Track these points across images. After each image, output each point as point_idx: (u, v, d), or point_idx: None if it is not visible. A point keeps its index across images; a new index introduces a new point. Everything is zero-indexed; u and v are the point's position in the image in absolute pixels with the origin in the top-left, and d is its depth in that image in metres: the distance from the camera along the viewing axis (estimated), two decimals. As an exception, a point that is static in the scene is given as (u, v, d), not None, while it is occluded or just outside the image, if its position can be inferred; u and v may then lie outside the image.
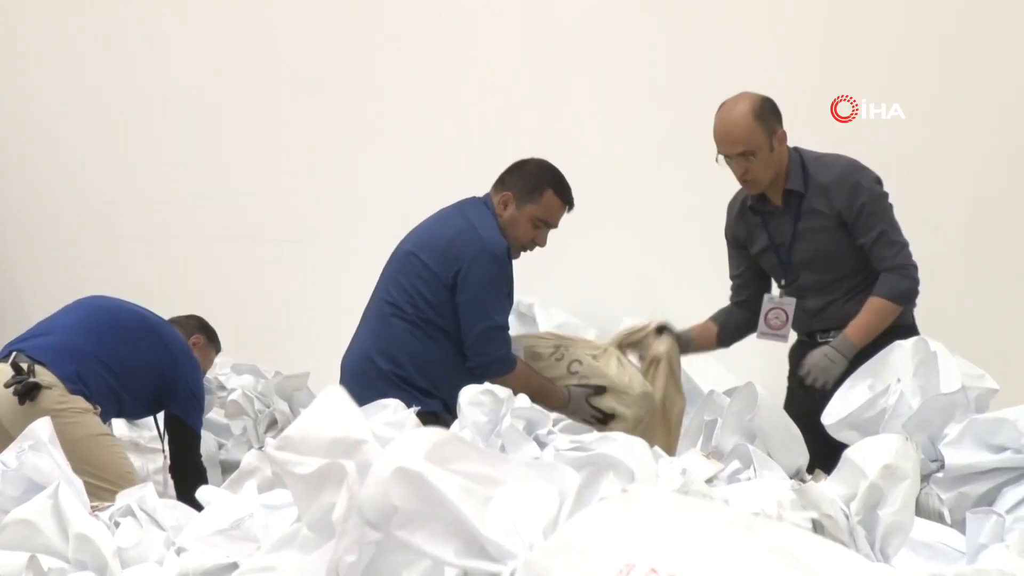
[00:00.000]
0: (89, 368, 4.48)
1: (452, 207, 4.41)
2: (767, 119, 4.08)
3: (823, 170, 4.14)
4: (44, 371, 4.40)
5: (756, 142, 4.07)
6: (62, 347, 4.50)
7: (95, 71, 7.59)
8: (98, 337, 4.56)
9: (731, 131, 4.10)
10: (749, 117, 4.06)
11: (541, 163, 4.38)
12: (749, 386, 3.47)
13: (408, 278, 4.32)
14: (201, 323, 5.13)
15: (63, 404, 4.36)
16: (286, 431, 2.03)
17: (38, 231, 7.75)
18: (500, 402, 3.51)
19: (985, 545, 2.66)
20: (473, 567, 1.80)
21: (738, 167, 4.12)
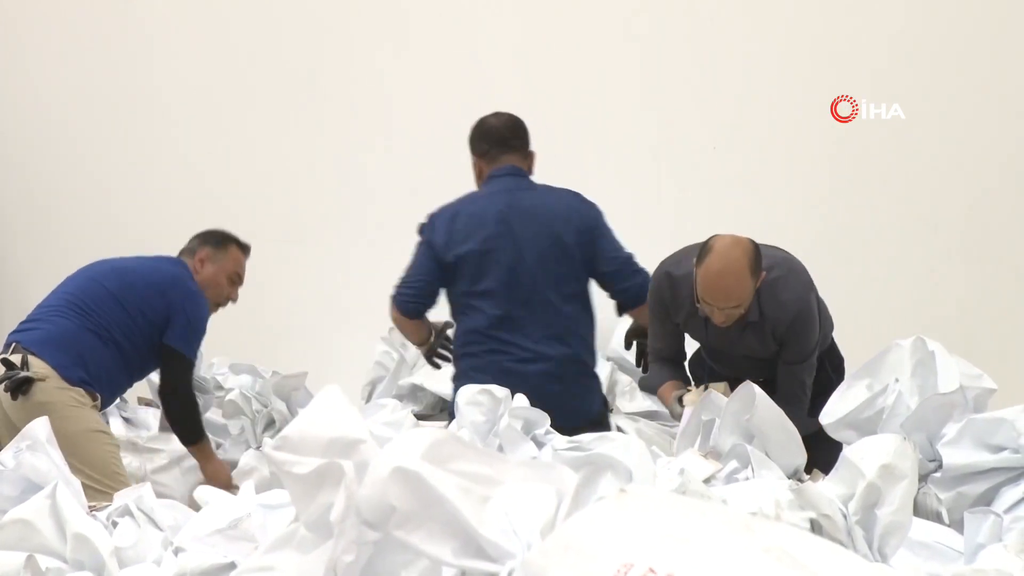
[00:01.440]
0: (83, 347, 4.47)
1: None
2: (757, 272, 3.88)
3: (777, 306, 3.99)
4: (38, 362, 4.40)
5: (748, 296, 3.89)
6: (53, 334, 4.49)
7: (95, 70, 7.59)
8: (86, 311, 4.55)
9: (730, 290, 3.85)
10: (747, 275, 3.84)
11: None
12: (747, 386, 3.47)
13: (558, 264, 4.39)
14: (203, 237, 4.95)
15: (56, 398, 4.36)
16: (284, 431, 2.03)
17: (38, 231, 7.75)
18: (498, 402, 3.51)
19: (983, 545, 2.66)
20: (471, 567, 1.80)
21: (721, 315, 3.90)
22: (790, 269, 4.04)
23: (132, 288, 4.61)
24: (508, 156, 4.50)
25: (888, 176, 6.03)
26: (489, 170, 4.51)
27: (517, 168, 4.53)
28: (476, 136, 4.56)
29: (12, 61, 7.84)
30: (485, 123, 4.58)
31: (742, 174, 6.21)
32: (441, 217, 4.48)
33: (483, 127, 4.57)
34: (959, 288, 5.88)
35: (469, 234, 4.39)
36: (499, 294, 4.36)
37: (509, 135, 4.52)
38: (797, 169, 6.16)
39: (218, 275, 4.83)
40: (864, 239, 6.02)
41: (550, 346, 4.34)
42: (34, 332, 4.54)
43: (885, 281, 5.95)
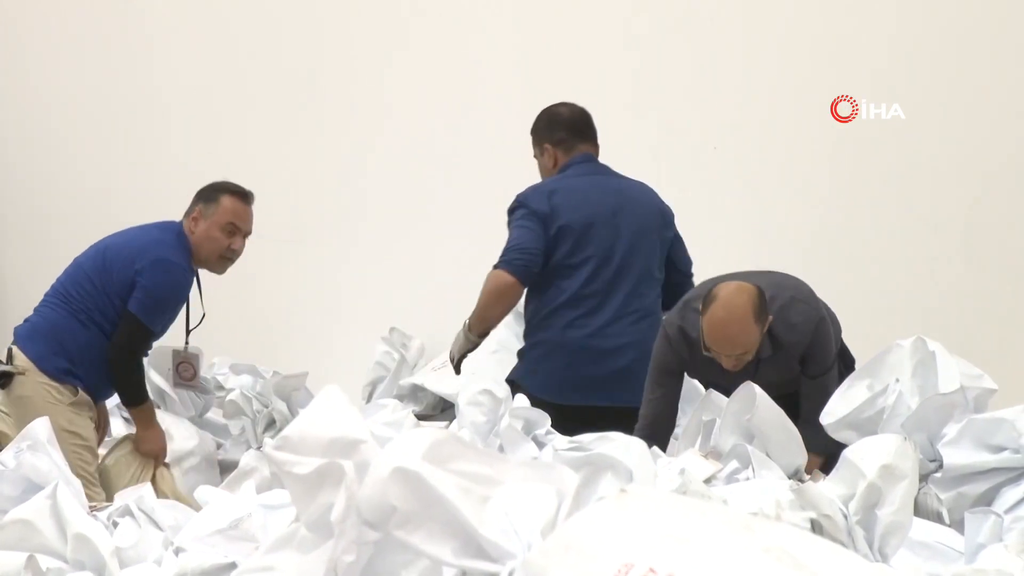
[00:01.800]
0: (65, 335, 4.49)
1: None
2: (763, 318, 3.86)
3: (791, 332, 3.98)
4: (21, 355, 4.47)
5: (755, 343, 3.86)
6: (39, 325, 4.54)
7: (95, 71, 7.59)
8: (67, 296, 4.55)
9: (735, 339, 3.82)
10: (751, 322, 3.81)
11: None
12: (748, 386, 3.47)
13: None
14: (198, 192, 4.85)
15: (33, 392, 4.42)
16: (284, 431, 2.03)
17: (37, 230, 7.75)
18: (499, 402, 3.51)
19: (983, 545, 2.66)
20: (471, 567, 1.80)
21: (730, 361, 3.87)
22: (793, 294, 4.02)
23: (108, 267, 4.57)
24: (584, 145, 4.50)
25: (888, 176, 6.03)
26: (565, 159, 4.48)
27: (595, 156, 4.53)
28: (549, 125, 4.51)
29: (12, 61, 7.84)
30: (558, 112, 4.55)
31: (742, 174, 6.21)
32: (536, 194, 4.41)
33: (557, 116, 4.53)
34: (959, 288, 5.88)
35: (573, 207, 4.37)
36: (590, 270, 4.36)
37: (583, 125, 4.52)
38: (797, 169, 6.16)
39: (211, 229, 4.71)
40: (864, 239, 6.01)
41: (626, 327, 4.36)
42: (25, 325, 4.60)
43: (885, 281, 5.95)
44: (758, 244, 6.06)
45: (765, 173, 6.20)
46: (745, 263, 4.38)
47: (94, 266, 4.58)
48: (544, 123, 4.53)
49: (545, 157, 4.48)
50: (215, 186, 4.84)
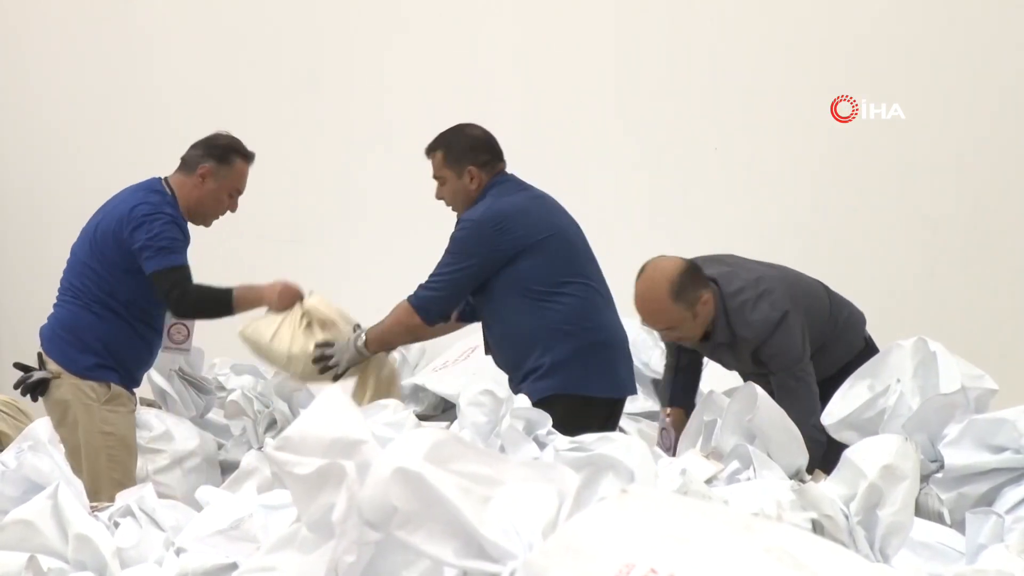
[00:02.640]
0: (83, 330, 4.38)
1: None
2: (686, 295, 3.93)
3: (746, 327, 4.00)
4: (49, 361, 4.38)
5: (677, 319, 3.96)
6: (55, 326, 4.45)
7: (94, 70, 7.58)
8: (75, 290, 4.46)
9: (650, 314, 4.02)
10: (667, 302, 3.93)
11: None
12: (749, 386, 3.47)
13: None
14: (207, 146, 4.71)
15: (70, 395, 4.33)
16: (285, 432, 2.03)
17: (37, 231, 7.74)
18: (500, 403, 3.51)
19: (985, 545, 2.66)
20: (472, 567, 1.80)
21: (666, 336, 4.08)
22: (764, 291, 4.02)
23: (101, 248, 4.46)
24: (501, 163, 4.48)
25: (888, 176, 6.03)
26: (489, 178, 4.44)
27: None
28: (473, 147, 4.47)
29: (10, 60, 7.84)
30: (475, 134, 4.51)
31: (743, 174, 6.21)
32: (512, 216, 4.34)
33: (477, 138, 4.50)
34: (959, 288, 5.88)
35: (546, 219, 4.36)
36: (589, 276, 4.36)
37: (496, 144, 4.51)
38: (797, 169, 6.16)
39: (220, 192, 4.61)
40: (864, 239, 6.01)
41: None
42: (45, 327, 4.49)
43: (885, 281, 5.95)
44: (758, 244, 6.04)
45: (765, 173, 6.20)
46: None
47: (89, 251, 4.49)
48: (466, 144, 4.47)
49: (465, 179, 4.42)
50: (225, 145, 4.72)
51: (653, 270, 3.97)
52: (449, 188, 4.45)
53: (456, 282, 4.40)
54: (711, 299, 3.96)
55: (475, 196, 4.41)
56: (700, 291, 3.94)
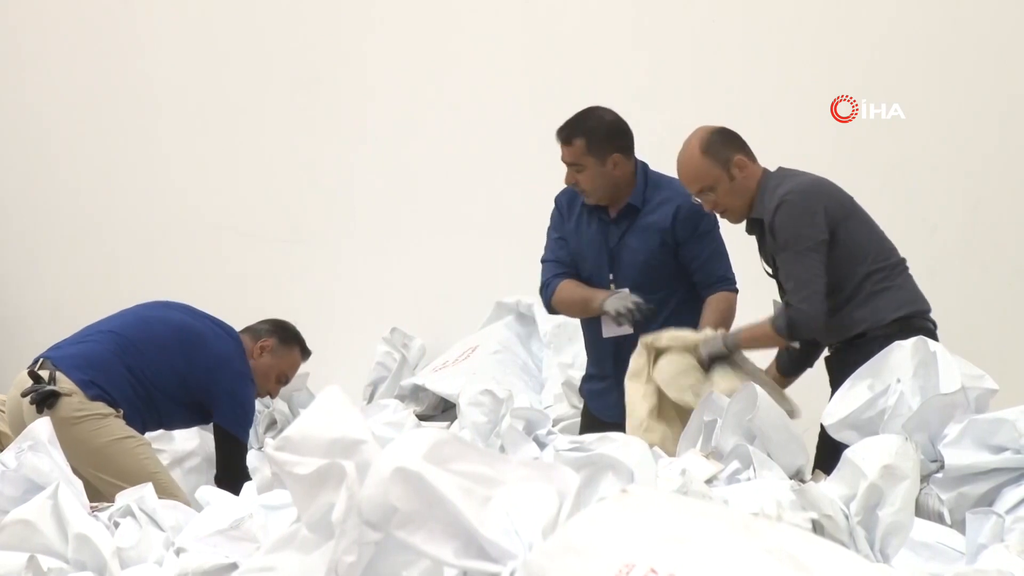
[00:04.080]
0: (111, 374, 4.40)
1: None
2: (717, 151, 3.99)
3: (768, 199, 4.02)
4: (63, 378, 4.33)
5: (710, 177, 3.99)
6: (84, 354, 4.43)
7: (86, 70, 7.57)
8: (125, 344, 4.47)
9: (682, 171, 4.06)
10: (697, 154, 4.01)
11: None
12: (749, 386, 3.47)
13: None
14: (276, 326, 4.92)
15: (81, 411, 4.30)
16: (285, 431, 2.03)
17: (35, 231, 7.74)
18: (500, 403, 3.52)
19: (985, 545, 2.66)
20: (472, 567, 1.80)
21: (706, 203, 4.06)
22: (794, 177, 4.09)
23: (184, 348, 4.52)
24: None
25: (888, 176, 6.03)
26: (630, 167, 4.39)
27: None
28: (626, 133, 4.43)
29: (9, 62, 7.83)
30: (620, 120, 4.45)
31: (743, 174, 6.21)
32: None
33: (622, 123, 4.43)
34: (959, 288, 5.88)
35: None
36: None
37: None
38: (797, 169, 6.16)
39: (271, 370, 4.77)
40: (864, 239, 6.01)
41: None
42: (72, 352, 4.47)
43: (886, 281, 5.95)
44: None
45: (765, 173, 6.20)
46: (745, 262, 4.37)
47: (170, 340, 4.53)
48: (610, 130, 4.38)
49: (609, 166, 4.31)
50: (293, 333, 4.94)
51: (691, 134, 4.08)
52: (589, 175, 4.34)
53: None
54: (750, 168, 4.01)
55: (621, 183, 4.33)
56: (734, 153, 4.00)
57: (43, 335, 6.97)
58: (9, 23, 7.76)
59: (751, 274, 4.35)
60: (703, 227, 4.27)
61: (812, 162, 6.14)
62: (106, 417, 4.34)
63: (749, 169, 4.01)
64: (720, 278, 4.25)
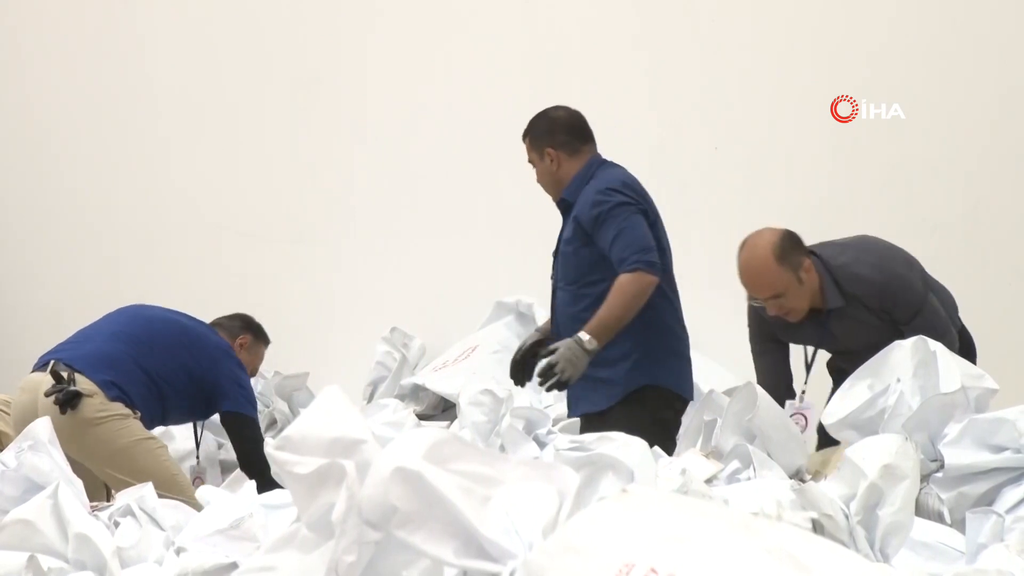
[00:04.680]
0: (129, 375, 4.41)
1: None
2: (789, 258, 3.95)
3: (858, 284, 4.00)
4: (83, 379, 4.32)
5: (783, 284, 3.94)
6: (100, 355, 4.43)
7: (86, 70, 7.57)
8: (136, 344, 4.50)
9: (756, 279, 3.98)
10: (771, 262, 3.93)
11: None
12: (749, 386, 3.47)
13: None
14: (246, 322, 5.01)
15: (104, 412, 4.30)
16: (286, 431, 2.03)
17: (36, 231, 7.74)
18: (500, 402, 3.52)
19: (985, 545, 2.66)
20: (472, 567, 1.80)
21: (771, 308, 3.99)
22: (862, 249, 4.07)
23: (188, 345, 4.57)
24: (588, 146, 4.39)
25: (888, 176, 6.03)
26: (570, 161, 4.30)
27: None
28: (550, 129, 4.27)
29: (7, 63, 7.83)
30: (556, 116, 4.29)
31: (743, 174, 6.21)
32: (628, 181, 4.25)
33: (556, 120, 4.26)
34: (959, 288, 5.87)
35: (649, 197, 4.29)
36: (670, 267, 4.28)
37: (584, 127, 4.38)
38: (797, 169, 6.17)
39: (248, 366, 4.85)
40: (864, 239, 6.02)
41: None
42: (80, 351, 4.46)
43: (886, 281, 5.95)
44: (759, 244, 6.06)
45: (766, 173, 6.20)
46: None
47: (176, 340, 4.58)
48: (543, 127, 4.41)
49: (547, 161, 4.35)
50: (259, 326, 5.07)
51: (755, 238, 4.01)
52: (537, 172, 4.36)
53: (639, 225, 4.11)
54: (812, 268, 3.98)
55: (563, 178, 4.29)
56: (802, 257, 3.97)
57: (44, 335, 6.97)
58: (9, 23, 7.76)
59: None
60: (602, 213, 4.13)
61: (812, 162, 6.17)
62: (127, 418, 4.34)
63: (812, 269, 3.99)
64: (619, 260, 4.06)
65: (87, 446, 4.25)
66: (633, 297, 3.98)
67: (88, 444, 4.26)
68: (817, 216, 6.09)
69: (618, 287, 3.98)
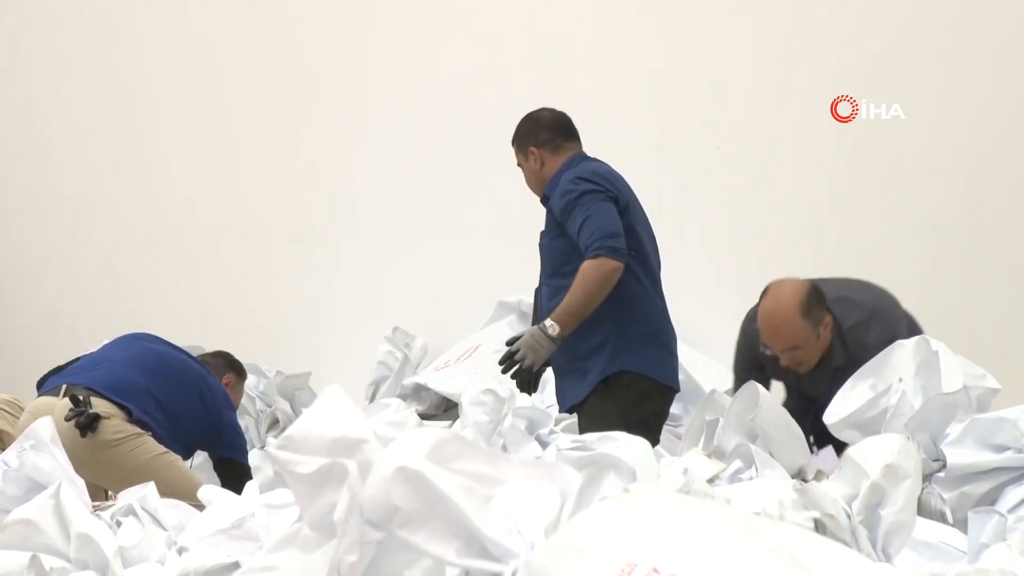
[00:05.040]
0: (143, 403, 4.42)
1: None
2: (813, 313, 3.94)
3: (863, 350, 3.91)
4: (100, 401, 4.32)
5: (803, 337, 3.93)
6: (117, 379, 4.43)
7: (86, 70, 7.58)
8: (152, 374, 4.50)
9: (779, 330, 3.95)
10: (795, 315, 3.92)
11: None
12: (751, 386, 3.47)
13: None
14: (229, 360, 5.06)
15: (120, 433, 4.30)
16: (288, 431, 2.03)
17: (36, 231, 7.74)
18: (502, 402, 3.52)
19: (987, 544, 2.66)
20: (474, 567, 1.80)
21: (785, 359, 3.97)
22: (874, 311, 4.05)
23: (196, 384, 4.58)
24: (572, 144, 4.38)
25: (888, 176, 6.04)
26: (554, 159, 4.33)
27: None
28: (533, 128, 4.31)
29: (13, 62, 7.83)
30: (539, 116, 4.34)
31: (744, 174, 6.22)
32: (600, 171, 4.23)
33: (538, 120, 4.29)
34: (960, 287, 5.89)
35: (624, 187, 4.26)
36: (649, 256, 4.27)
37: (568, 125, 4.39)
38: (797, 169, 6.17)
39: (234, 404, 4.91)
40: (864, 239, 6.02)
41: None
42: (93, 375, 4.46)
43: (886, 281, 5.94)
44: (759, 243, 6.06)
45: (766, 173, 6.20)
46: (746, 262, 4.40)
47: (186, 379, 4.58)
48: (526, 128, 4.41)
49: (531, 161, 4.35)
50: (239, 364, 5.10)
51: (780, 287, 3.97)
52: (524, 173, 4.39)
53: (607, 212, 4.09)
54: (831, 323, 3.97)
55: (546, 176, 4.30)
56: (823, 312, 3.96)
57: (44, 335, 6.99)
58: (9, 23, 7.76)
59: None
60: (571, 201, 4.13)
61: (812, 162, 6.17)
62: (141, 435, 4.34)
63: (830, 324, 3.98)
64: (585, 247, 4.05)
65: (102, 468, 4.25)
66: (595, 283, 3.98)
67: (104, 465, 4.26)
68: (817, 216, 6.10)
69: (581, 273, 4.00)
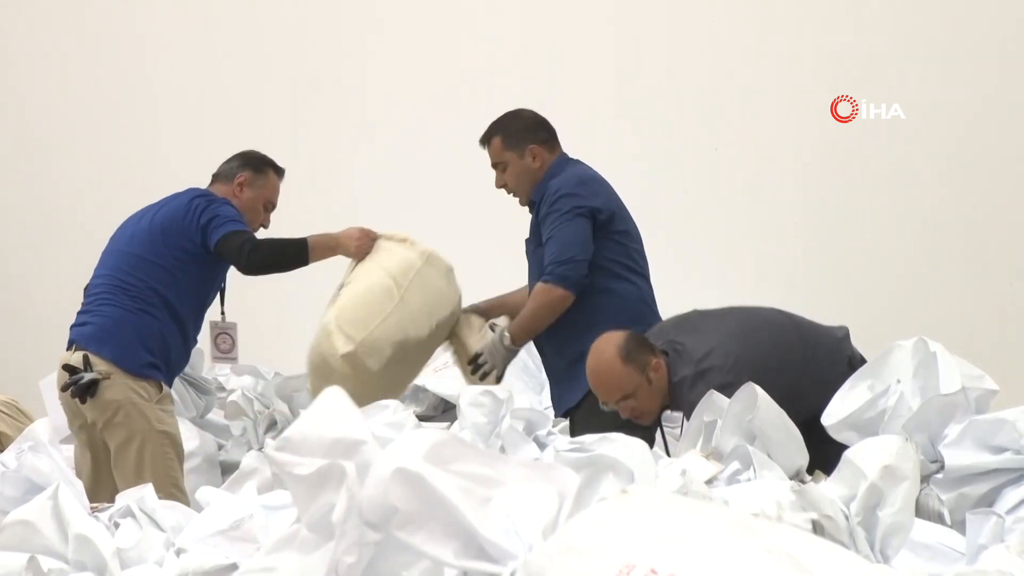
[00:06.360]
0: (138, 331, 4.36)
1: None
2: (635, 358, 3.81)
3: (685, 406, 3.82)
4: (98, 359, 4.32)
5: (632, 384, 3.81)
6: (106, 326, 4.38)
7: (86, 70, 7.59)
8: (128, 288, 4.42)
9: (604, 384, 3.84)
10: (617, 365, 3.80)
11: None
12: (749, 387, 3.46)
13: None
14: (244, 159, 4.75)
15: (123, 395, 4.30)
16: (286, 432, 2.03)
17: (35, 231, 7.74)
18: (500, 403, 3.51)
19: (985, 546, 2.66)
20: (473, 568, 1.80)
21: (625, 409, 3.84)
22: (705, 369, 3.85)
23: (157, 239, 4.48)
24: (559, 145, 4.42)
25: (888, 176, 6.04)
26: (550, 158, 4.36)
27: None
28: (533, 126, 4.36)
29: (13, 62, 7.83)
30: (532, 115, 4.42)
31: (743, 174, 6.22)
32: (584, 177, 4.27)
33: (534, 117, 4.39)
34: (959, 288, 5.89)
35: (607, 192, 4.29)
36: (642, 260, 4.29)
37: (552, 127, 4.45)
38: (797, 169, 6.17)
39: (256, 202, 4.69)
40: (864, 239, 6.02)
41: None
42: (87, 327, 4.43)
43: (886, 281, 5.95)
44: (759, 244, 6.06)
45: (766, 173, 6.21)
46: (746, 263, 4.40)
47: (146, 245, 4.48)
48: (520, 125, 4.38)
49: (528, 159, 4.33)
50: (262, 158, 4.80)
51: (598, 342, 3.87)
52: (512, 171, 4.35)
53: (574, 233, 4.15)
54: (662, 366, 3.85)
55: (540, 175, 4.31)
56: (648, 356, 3.83)
57: (44, 335, 6.99)
58: (8, 23, 7.77)
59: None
60: (548, 215, 4.18)
61: (812, 162, 6.17)
62: (146, 403, 4.32)
63: (661, 367, 3.85)
64: (544, 265, 4.14)
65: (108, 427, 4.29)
66: (541, 307, 4.13)
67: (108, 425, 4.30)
68: (817, 216, 6.10)
69: (533, 293, 4.15)
